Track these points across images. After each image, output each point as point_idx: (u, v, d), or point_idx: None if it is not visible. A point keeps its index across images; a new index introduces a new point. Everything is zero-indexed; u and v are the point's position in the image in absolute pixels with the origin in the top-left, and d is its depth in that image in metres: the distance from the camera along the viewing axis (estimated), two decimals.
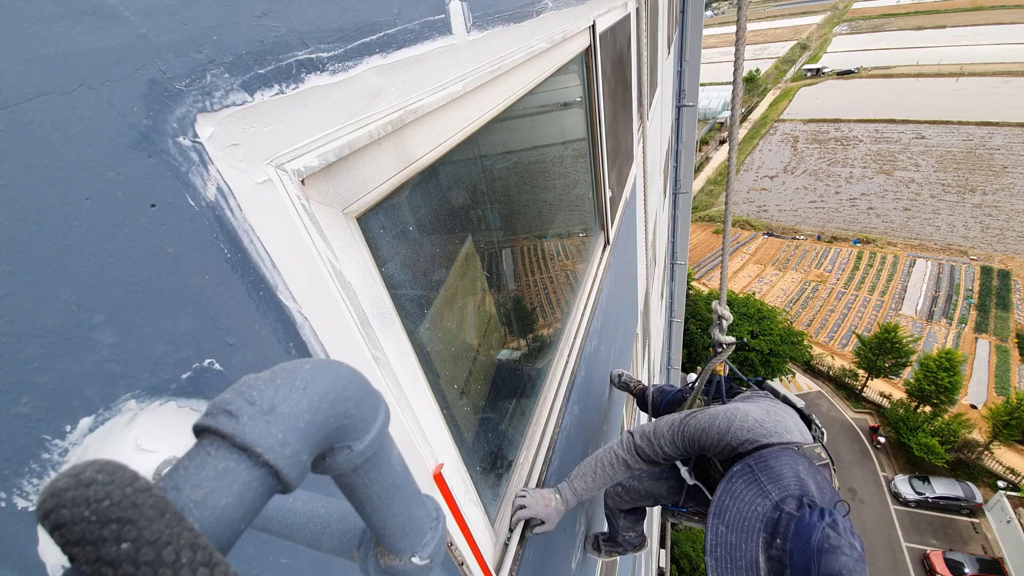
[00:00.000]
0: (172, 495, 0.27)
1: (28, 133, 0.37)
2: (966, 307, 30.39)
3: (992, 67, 61.14)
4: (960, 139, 47.93)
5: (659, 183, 6.85)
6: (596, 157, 2.60)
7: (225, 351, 0.54)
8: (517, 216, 1.78)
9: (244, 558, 0.58)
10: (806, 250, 38.14)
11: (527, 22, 1.32)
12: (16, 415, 0.37)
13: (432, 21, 0.87)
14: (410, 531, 0.46)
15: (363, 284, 0.77)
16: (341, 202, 0.71)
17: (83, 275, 0.41)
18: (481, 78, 1.06)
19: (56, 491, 0.22)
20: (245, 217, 0.55)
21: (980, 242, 35.58)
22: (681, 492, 2.21)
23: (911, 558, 19.30)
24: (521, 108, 1.52)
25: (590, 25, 2.06)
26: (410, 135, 0.85)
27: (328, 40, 0.64)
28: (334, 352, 0.69)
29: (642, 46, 2.96)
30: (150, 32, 0.44)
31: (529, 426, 1.72)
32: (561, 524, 2.04)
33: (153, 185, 0.46)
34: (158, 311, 0.47)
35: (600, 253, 2.95)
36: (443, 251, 1.16)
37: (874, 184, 43.67)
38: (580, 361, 2.27)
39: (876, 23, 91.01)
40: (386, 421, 0.41)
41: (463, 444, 1.19)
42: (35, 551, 0.39)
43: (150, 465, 0.47)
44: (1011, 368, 26.19)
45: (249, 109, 0.54)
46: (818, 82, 67.09)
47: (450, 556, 1.04)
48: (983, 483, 21.53)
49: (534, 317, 1.94)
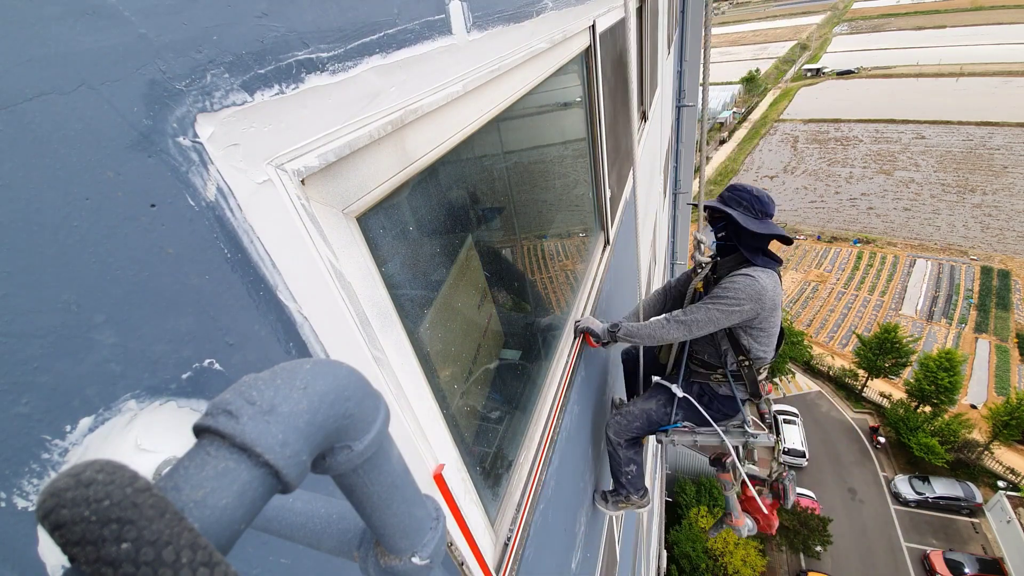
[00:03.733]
0: (172, 495, 0.27)
1: (28, 133, 0.37)
2: (966, 307, 30.39)
3: (992, 67, 61.15)
4: (960, 139, 47.93)
5: (659, 183, 6.84)
6: (596, 157, 2.60)
7: (225, 351, 0.54)
8: (517, 216, 1.78)
9: (244, 558, 0.58)
10: (806, 250, 38.13)
11: (527, 22, 1.32)
12: (16, 415, 0.37)
13: (432, 21, 0.87)
14: (410, 531, 0.46)
15: (363, 284, 0.77)
16: (341, 202, 0.71)
17: (83, 275, 0.41)
18: (481, 78, 1.06)
19: (56, 491, 0.22)
20: (245, 217, 0.55)
21: (980, 242, 35.57)
22: (671, 405, 2.47)
23: (911, 558, 19.28)
24: (521, 108, 1.52)
25: (590, 25, 2.06)
26: (410, 135, 0.85)
27: (328, 40, 0.64)
28: (334, 352, 0.69)
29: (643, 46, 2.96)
30: (150, 32, 0.44)
31: (529, 426, 1.72)
32: (561, 524, 2.04)
33: (153, 185, 0.46)
34: (158, 311, 0.47)
35: (600, 253, 2.95)
36: (443, 251, 1.16)
37: (874, 184, 43.67)
38: (580, 361, 2.27)
39: (876, 23, 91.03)
40: (386, 421, 0.41)
41: (463, 444, 1.19)
42: (35, 551, 0.39)
43: (150, 465, 0.47)
44: (1011, 368, 26.18)
45: (249, 109, 0.54)
46: (818, 82, 67.11)
47: (450, 556, 1.04)
48: (983, 483, 21.52)
49: (534, 317, 1.94)
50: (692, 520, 17.21)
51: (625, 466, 2.69)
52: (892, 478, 21.98)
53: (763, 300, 2.03)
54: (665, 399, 2.52)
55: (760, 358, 2.22)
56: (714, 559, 16.51)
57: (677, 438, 2.64)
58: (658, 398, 2.54)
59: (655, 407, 2.54)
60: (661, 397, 2.53)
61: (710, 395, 2.42)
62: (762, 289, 2.02)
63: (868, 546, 19.76)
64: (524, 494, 1.53)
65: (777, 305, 2.10)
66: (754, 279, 2.03)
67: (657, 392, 2.57)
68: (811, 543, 17.95)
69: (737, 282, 2.05)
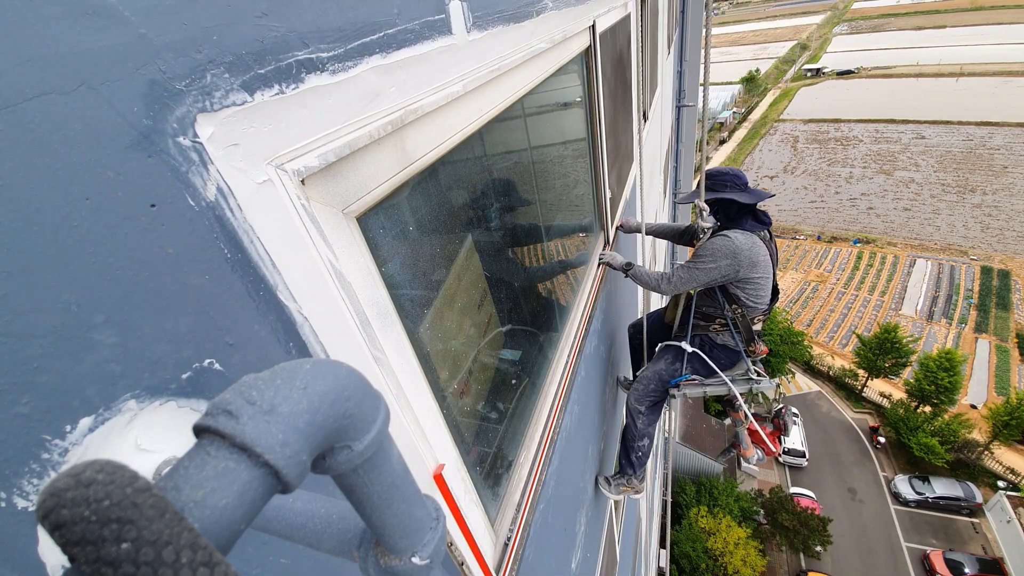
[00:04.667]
0: (172, 495, 0.27)
1: (28, 133, 0.37)
2: (966, 307, 30.37)
3: (992, 67, 61.12)
4: (960, 139, 47.91)
5: (659, 183, 6.84)
6: (596, 157, 2.60)
7: (225, 351, 0.54)
8: (517, 216, 1.78)
9: (244, 558, 0.58)
10: (806, 250, 38.12)
11: (527, 22, 1.32)
12: (16, 415, 0.37)
13: (432, 21, 0.87)
14: (410, 531, 0.46)
15: (363, 284, 0.77)
16: (341, 202, 0.71)
17: (83, 275, 0.41)
18: (481, 78, 1.06)
19: (56, 491, 0.22)
20: (245, 217, 0.55)
21: (980, 242, 35.55)
22: (679, 361, 2.74)
23: (911, 558, 19.27)
24: (521, 108, 1.52)
25: (590, 25, 2.06)
26: (410, 135, 0.85)
27: (328, 40, 0.64)
28: (334, 352, 0.69)
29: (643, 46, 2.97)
30: (150, 32, 0.44)
31: (529, 426, 1.72)
32: (561, 524, 2.04)
33: (153, 185, 0.46)
34: (158, 311, 0.47)
35: (597, 262, 2.95)
36: (443, 251, 1.16)
37: (874, 184, 43.65)
38: (580, 361, 2.27)
39: (876, 23, 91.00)
40: (386, 421, 0.41)
41: (463, 444, 1.19)
42: (35, 551, 0.39)
43: (150, 465, 0.47)
44: (1011, 368, 26.16)
45: (249, 109, 0.54)
46: (818, 82, 67.09)
47: (450, 556, 1.04)
48: (983, 483, 21.51)
49: (534, 317, 1.94)
50: (692, 520, 17.20)
51: (639, 440, 2.89)
52: (892, 478, 21.97)
53: (739, 256, 2.30)
54: (672, 357, 2.80)
55: (752, 307, 2.50)
56: (714, 559, 16.48)
57: (688, 390, 2.82)
58: (665, 358, 2.82)
59: (664, 367, 2.81)
60: (668, 356, 2.82)
61: (710, 345, 2.71)
62: (737, 247, 2.29)
63: (868, 546, 19.75)
64: (524, 494, 1.53)
65: (757, 260, 2.34)
66: (729, 239, 2.31)
67: (663, 353, 2.87)
68: (811, 543, 17.94)
69: (714, 243, 2.36)
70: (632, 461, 2.94)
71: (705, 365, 2.67)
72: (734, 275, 2.35)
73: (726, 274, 2.34)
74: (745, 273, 2.34)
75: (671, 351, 2.81)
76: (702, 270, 2.36)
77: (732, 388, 2.67)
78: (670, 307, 2.97)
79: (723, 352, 2.69)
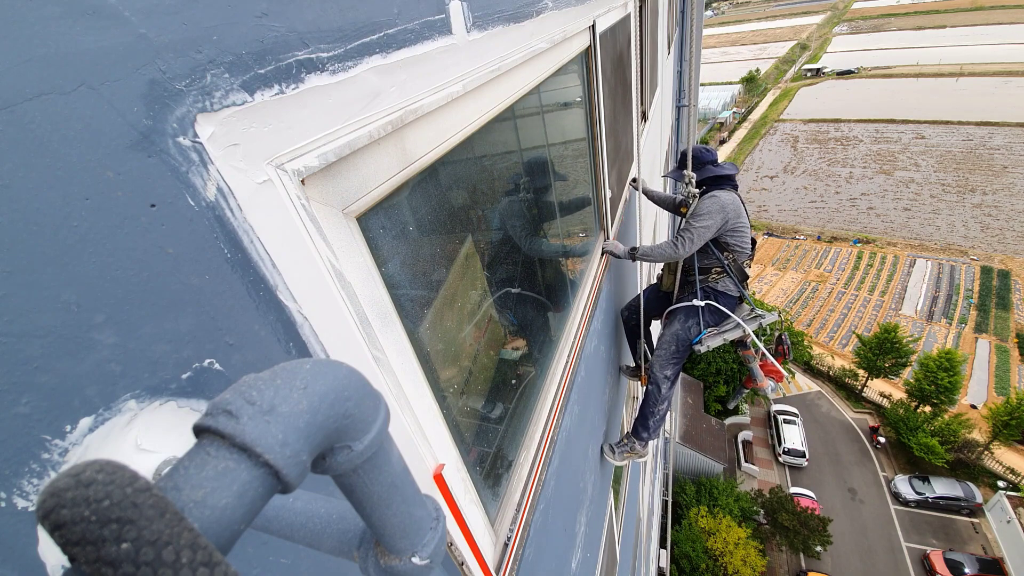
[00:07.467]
0: (172, 495, 0.27)
1: (28, 133, 0.37)
2: (966, 307, 30.36)
3: (992, 67, 61.09)
4: (960, 139, 47.89)
5: (659, 183, 6.84)
6: (596, 157, 2.60)
7: (225, 351, 0.54)
8: (518, 215, 1.78)
9: (244, 558, 0.58)
10: (806, 250, 38.10)
11: (527, 22, 1.32)
12: (16, 415, 0.37)
13: (432, 21, 0.87)
14: (410, 531, 0.46)
15: (363, 284, 0.77)
16: (341, 202, 0.71)
17: (83, 275, 0.41)
18: (481, 78, 1.06)
19: (56, 491, 0.22)
20: (245, 217, 0.54)
21: (980, 242, 35.53)
22: (693, 317, 3.01)
23: (911, 558, 19.26)
24: (521, 108, 1.52)
25: (590, 25, 2.06)
26: (410, 135, 0.85)
27: (328, 40, 0.64)
28: (334, 352, 0.69)
29: (643, 46, 2.98)
30: (150, 32, 0.44)
31: (529, 426, 1.72)
32: (561, 524, 2.04)
33: (153, 185, 0.46)
34: (158, 311, 0.47)
35: (601, 252, 2.96)
36: (443, 251, 1.16)
37: (874, 184, 43.62)
38: (580, 361, 2.27)
39: (876, 23, 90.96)
40: (386, 421, 0.41)
41: (463, 444, 1.19)
42: (35, 551, 0.39)
43: (150, 465, 0.47)
44: (1011, 368, 26.14)
45: (249, 109, 0.54)
46: (818, 82, 67.05)
47: (450, 556, 1.04)
48: (983, 483, 21.49)
49: (534, 317, 1.93)
50: (692, 520, 17.19)
51: (660, 404, 3.12)
52: (892, 478, 21.96)
53: (726, 209, 2.79)
54: (684, 316, 3.05)
55: (740, 251, 2.95)
56: (714, 559, 16.47)
57: (710, 342, 3.04)
58: (679, 319, 3.07)
59: (679, 327, 3.05)
60: (680, 317, 3.07)
61: (714, 295, 3.02)
62: (723, 203, 2.79)
63: (868, 546, 19.74)
64: (524, 494, 1.53)
65: (740, 211, 2.87)
66: (716, 197, 2.80)
67: (674, 317, 3.11)
68: (811, 543, 17.92)
69: (705, 202, 2.82)
70: (649, 426, 3.16)
71: (717, 312, 2.97)
72: (726, 225, 2.81)
73: (721, 225, 2.79)
74: (733, 222, 2.82)
75: (681, 312, 3.06)
76: (705, 225, 2.76)
77: (747, 328, 2.96)
78: (666, 275, 3.27)
79: (725, 300, 3.01)
